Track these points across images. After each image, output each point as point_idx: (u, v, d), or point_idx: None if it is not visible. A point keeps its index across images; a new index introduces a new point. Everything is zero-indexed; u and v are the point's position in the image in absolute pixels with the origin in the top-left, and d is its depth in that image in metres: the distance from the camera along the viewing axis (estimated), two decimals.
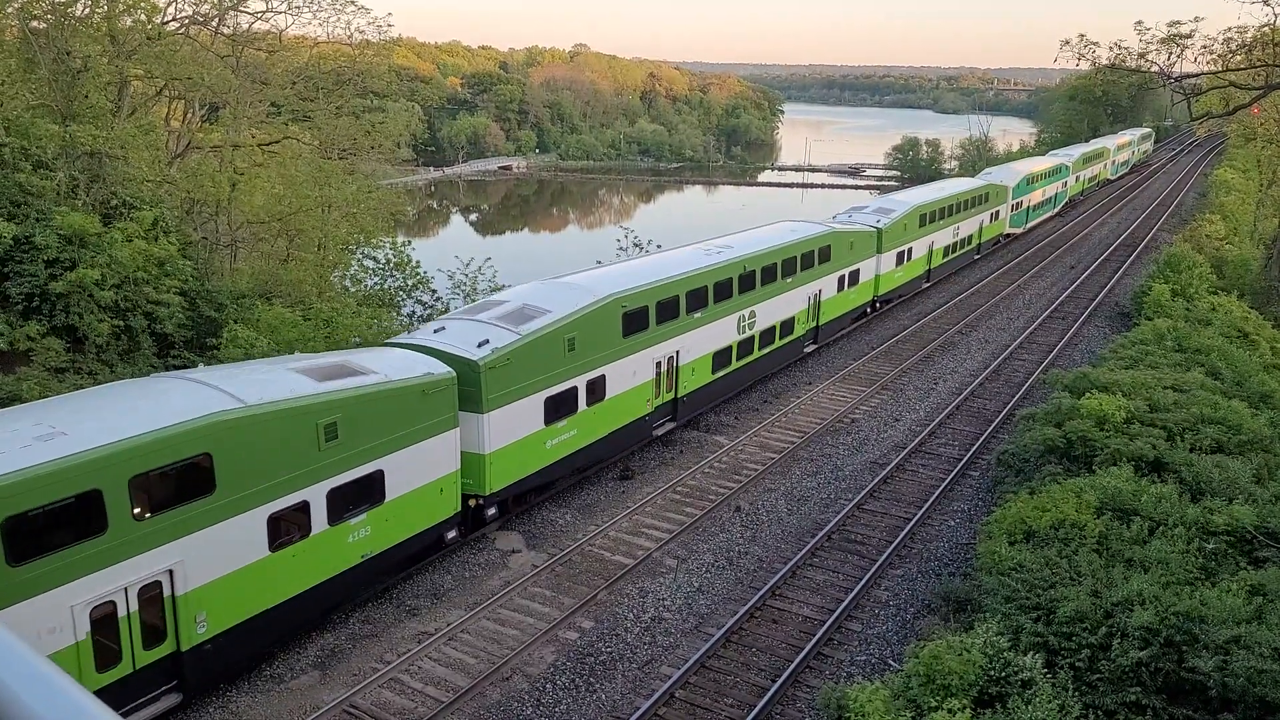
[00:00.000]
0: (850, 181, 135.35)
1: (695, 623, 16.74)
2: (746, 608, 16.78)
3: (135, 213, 24.41)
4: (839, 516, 20.50)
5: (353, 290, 34.88)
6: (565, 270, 24.87)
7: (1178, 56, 38.39)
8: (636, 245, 45.21)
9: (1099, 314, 39.68)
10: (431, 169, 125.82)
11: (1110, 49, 41.35)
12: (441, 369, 17.61)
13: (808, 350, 32.23)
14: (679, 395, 24.70)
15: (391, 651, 15.77)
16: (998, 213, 52.15)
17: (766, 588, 17.47)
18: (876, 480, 22.49)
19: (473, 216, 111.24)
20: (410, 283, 35.82)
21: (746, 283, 27.09)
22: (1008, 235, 55.52)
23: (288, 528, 14.72)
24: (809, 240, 31.01)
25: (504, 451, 19.01)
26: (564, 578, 18.17)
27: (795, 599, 17.46)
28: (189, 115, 34.41)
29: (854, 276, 34.60)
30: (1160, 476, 18.42)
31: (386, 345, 19.66)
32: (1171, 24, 38.72)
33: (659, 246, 42.41)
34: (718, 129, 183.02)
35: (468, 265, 38.31)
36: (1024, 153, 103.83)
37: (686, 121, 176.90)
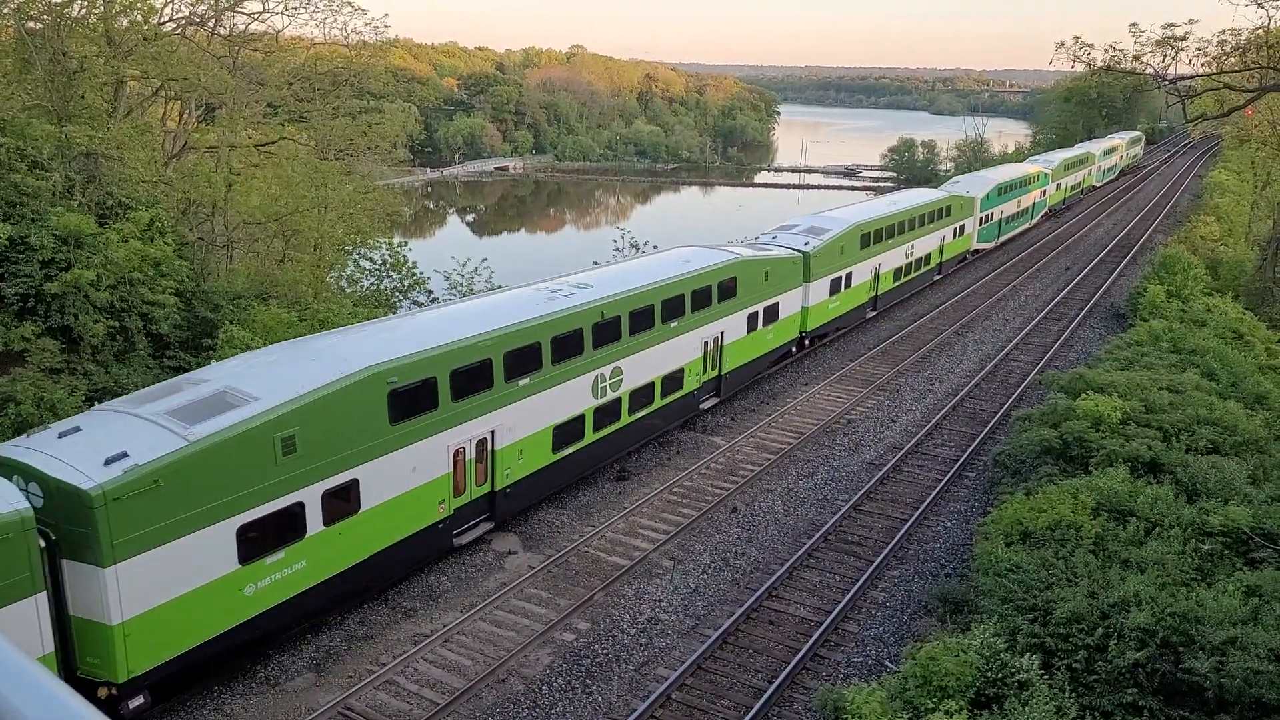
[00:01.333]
0: (846, 182, 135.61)
1: (692, 624, 16.73)
2: (743, 609, 16.78)
3: (131, 213, 24.34)
4: (836, 517, 20.50)
5: (349, 291, 34.85)
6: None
7: (1172, 58, 38.53)
8: (633, 245, 45.24)
9: (1095, 315, 39.77)
10: (428, 170, 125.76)
11: (1105, 51, 41.45)
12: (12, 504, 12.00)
13: (706, 406, 26.73)
14: (497, 488, 19.05)
15: (387, 653, 15.73)
16: (963, 227, 47.21)
17: (763, 589, 17.47)
18: (873, 481, 22.50)
19: (469, 217, 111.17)
20: (407, 283, 35.80)
21: (607, 332, 21.42)
22: (975, 251, 50.81)
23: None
24: (704, 273, 25.35)
25: (154, 614, 13.23)
26: (560, 579, 18.14)
27: (792, 600, 17.46)
28: (185, 116, 34.33)
29: (771, 312, 29.01)
30: (1156, 477, 18.45)
31: None
32: (1166, 26, 38.86)
33: (496, 286, 36.56)
34: (714, 130, 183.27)
35: (464, 265, 38.32)
36: (1018, 154, 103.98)
37: (683, 122, 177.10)
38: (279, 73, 34.42)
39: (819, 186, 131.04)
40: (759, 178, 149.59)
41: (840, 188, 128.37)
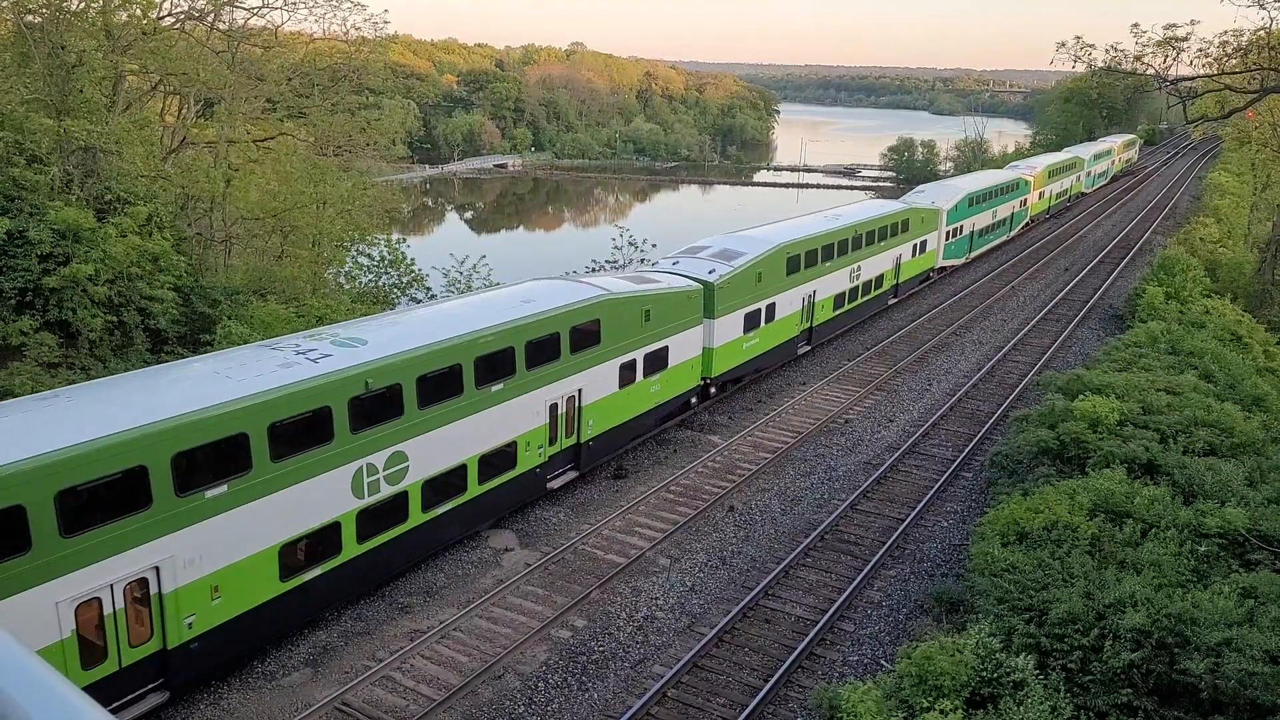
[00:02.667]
0: (845, 182, 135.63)
1: (688, 622, 16.74)
2: (739, 607, 16.79)
3: (129, 208, 24.31)
4: (832, 517, 20.52)
5: (347, 287, 34.82)
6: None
7: (1173, 59, 38.54)
8: (632, 244, 45.20)
9: (1093, 316, 39.80)
10: (427, 166, 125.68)
11: (1106, 51, 41.52)
12: None
13: (556, 485, 21.34)
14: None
15: (384, 649, 15.74)
16: (924, 243, 41.99)
17: (759, 587, 17.48)
18: (870, 481, 22.51)
19: (468, 214, 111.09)
20: (405, 280, 35.78)
21: (375, 408, 16.08)
22: (941, 269, 45.65)
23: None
24: (548, 318, 19.89)
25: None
26: (557, 576, 18.15)
27: (788, 599, 17.47)
28: (184, 111, 34.28)
29: (657, 359, 23.78)
30: (1153, 479, 18.47)
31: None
32: (1167, 27, 38.87)
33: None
34: (713, 129, 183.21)
35: (463, 263, 38.32)
36: (1017, 155, 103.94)
37: (682, 121, 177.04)
38: (278, 68, 34.36)
39: (818, 186, 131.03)
40: (758, 177, 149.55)
41: (839, 187, 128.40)
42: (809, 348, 32.83)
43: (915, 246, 41.02)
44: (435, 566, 18.46)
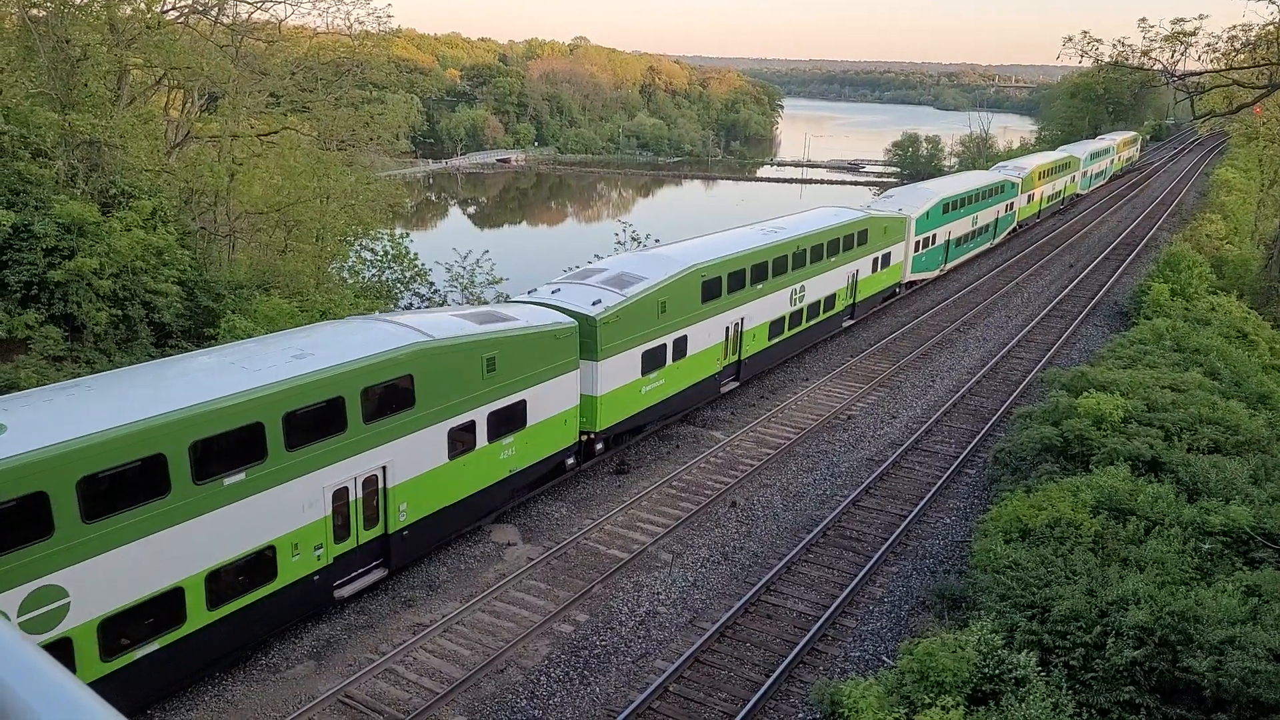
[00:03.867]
0: (849, 177, 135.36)
1: (690, 617, 16.76)
2: (741, 603, 16.80)
3: (134, 202, 24.34)
4: (835, 513, 20.52)
5: (350, 282, 34.86)
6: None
7: (1181, 54, 38.40)
8: (635, 239, 45.17)
9: (1098, 313, 39.69)
10: (430, 161, 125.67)
11: (1114, 46, 41.33)
12: None
13: (351, 593, 16.53)
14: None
15: (387, 642, 15.78)
16: (888, 256, 37.49)
17: (761, 583, 17.49)
18: (873, 477, 22.50)
19: (471, 209, 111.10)
20: (408, 275, 35.81)
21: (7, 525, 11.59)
22: (910, 284, 41.49)
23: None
24: (328, 379, 15.30)
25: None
26: (559, 571, 18.18)
27: (790, 594, 17.48)
28: (188, 105, 34.30)
29: (510, 416, 19.24)
30: (1157, 476, 18.44)
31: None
32: (1175, 21, 38.71)
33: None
34: (717, 124, 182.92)
35: (465, 258, 38.34)
36: (1023, 149, 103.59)
37: (686, 116, 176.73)
38: (282, 62, 34.36)
39: (822, 181, 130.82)
40: (761, 172, 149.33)
41: (844, 182, 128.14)
42: (736, 384, 28.00)
43: (876, 260, 36.42)
44: (438, 561, 18.51)
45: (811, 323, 31.94)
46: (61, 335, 21.31)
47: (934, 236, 41.99)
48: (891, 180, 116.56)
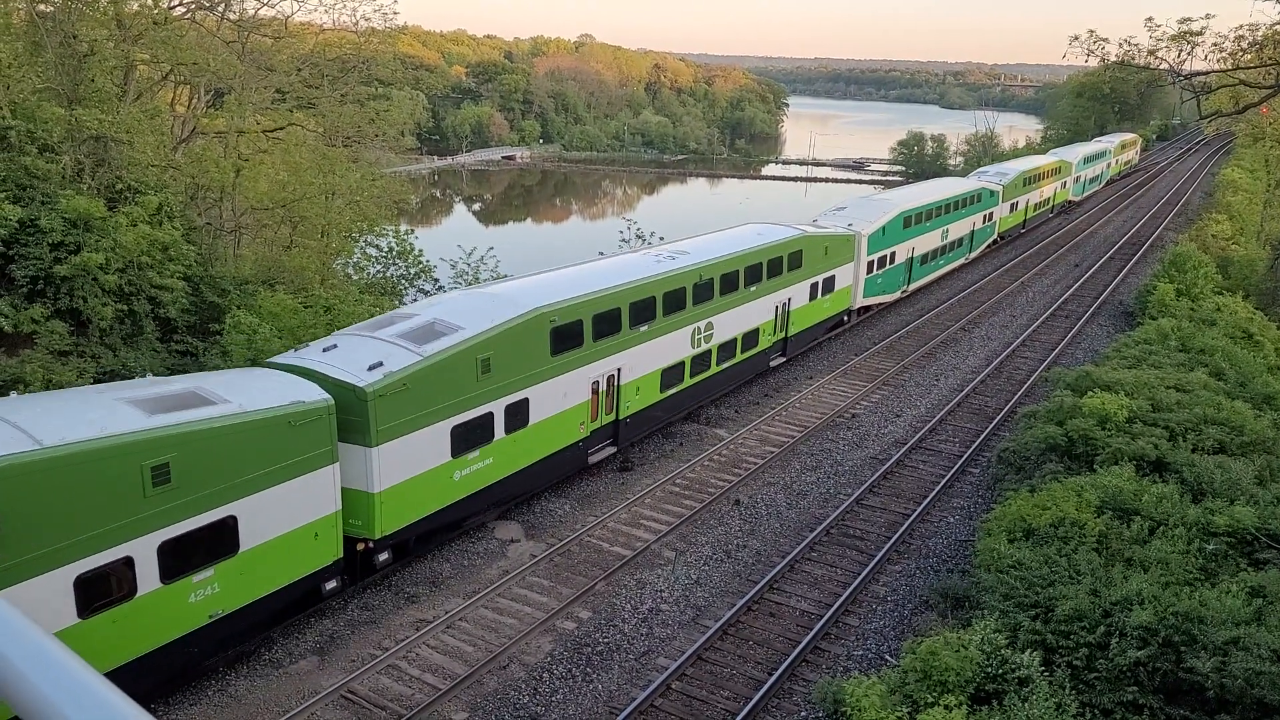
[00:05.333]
0: (854, 176, 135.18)
1: (693, 615, 16.77)
2: (744, 601, 16.81)
3: (140, 197, 24.39)
4: (838, 511, 20.51)
5: (355, 278, 34.91)
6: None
7: (1188, 54, 38.26)
8: (639, 237, 45.15)
9: (1102, 312, 39.61)
10: (435, 158, 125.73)
11: (1120, 46, 41.19)
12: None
13: None
14: None
15: (390, 638, 15.82)
16: (831, 280, 32.54)
17: (764, 581, 17.50)
18: (876, 476, 22.49)
19: (476, 206, 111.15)
20: (413, 271, 35.85)
21: None
22: (863, 310, 36.71)
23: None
24: None
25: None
26: (562, 568, 18.20)
27: (793, 593, 17.48)
28: (194, 100, 34.35)
29: (206, 542, 13.96)
30: (1162, 476, 18.41)
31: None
32: (1182, 21, 38.58)
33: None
34: (722, 121, 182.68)
35: (470, 254, 38.37)
36: (1028, 149, 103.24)
37: (691, 113, 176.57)
38: (288, 59, 34.40)
39: (826, 180, 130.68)
40: (766, 170, 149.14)
41: (849, 181, 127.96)
42: (614, 449, 22.83)
43: (815, 286, 31.45)
44: (441, 557, 18.54)
45: (724, 366, 26.81)
46: (67, 330, 21.36)
47: (892, 255, 37.20)
48: (896, 180, 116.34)
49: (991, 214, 49.11)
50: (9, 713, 1.43)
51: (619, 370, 22.27)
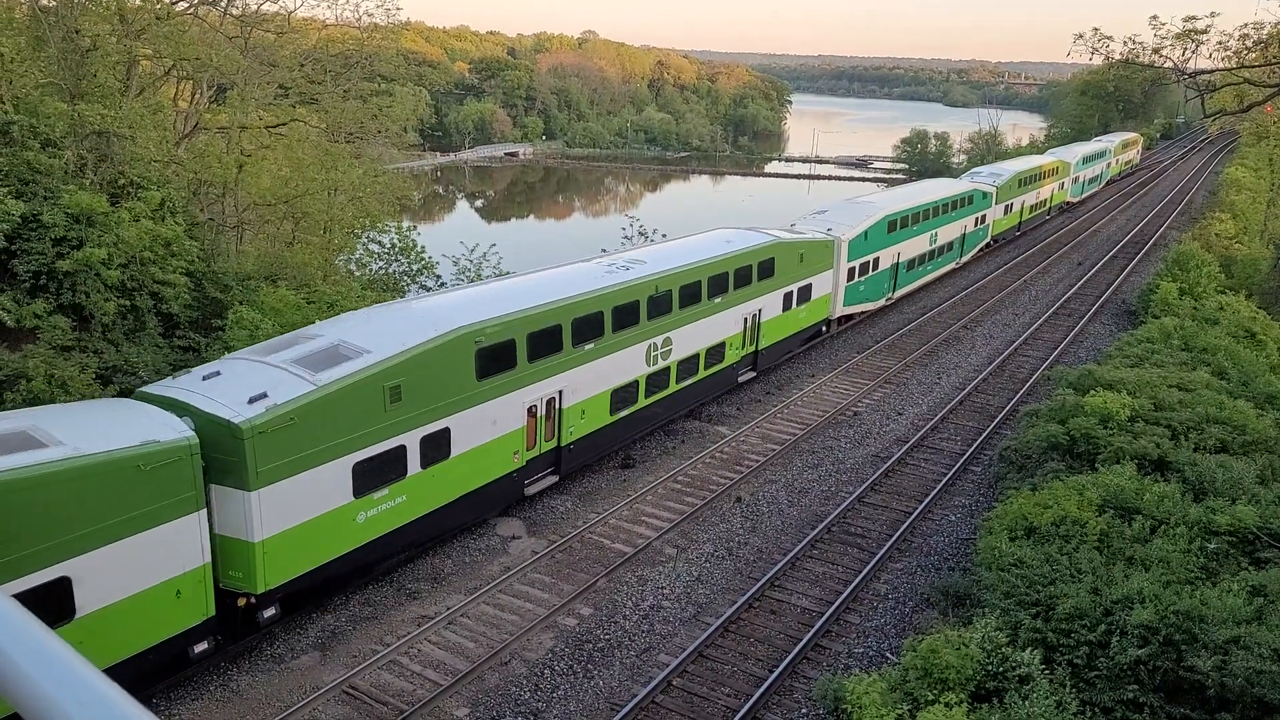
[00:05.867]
0: (857, 173, 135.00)
1: (694, 611, 16.79)
2: (745, 598, 16.82)
3: (142, 192, 24.41)
4: (840, 509, 20.51)
5: (358, 274, 34.93)
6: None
7: (1192, 52, 38.13)
8: (642, 234, 45.13)
9: (1105, 311, 39.56)
10: (438, 154, 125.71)
11: (1124, 44, 41.06)
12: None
13: None
14: None
15: (391, 634, 15.85)
16: (808, 288, 30.63)
17: (766, 578, 17.51)
18: (878, 474, 22.49)
19: (479, 202, 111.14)
20: (415, 267, 35.86)
21: None
22: (844, 319, 34.99)
23: None
24: None
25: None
26: (563, 564, 18.22)
27: (794, 590, 17.49)
28: (197, 96, 34.36)
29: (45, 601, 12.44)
30: (1163, 475, 18.39)
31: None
32: (1186, 19, 38.46)
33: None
34: (725, 118, 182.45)
35: (473, 251, 38.37)
36: (1032, 148, 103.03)
37: (694, 110, 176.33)
38: (290, 54, 34.39)
39: (830, 177, 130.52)
40: (770, 167, 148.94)
41: (851, 179, 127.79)
42: (556, 478, 20.92)
43: (789, 295, 29.51)
44: (443, 553, 18.56)
45: (684, 384, 24.75)
46: (69, 325, 21.39)
47: (876, 261, 35.32)
48: (900, 177, 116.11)
49: (984, 216, 47.58)
50: (8, 709, 1.43)
51: (560, 393, 20.22)
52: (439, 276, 36.55)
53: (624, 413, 22.63)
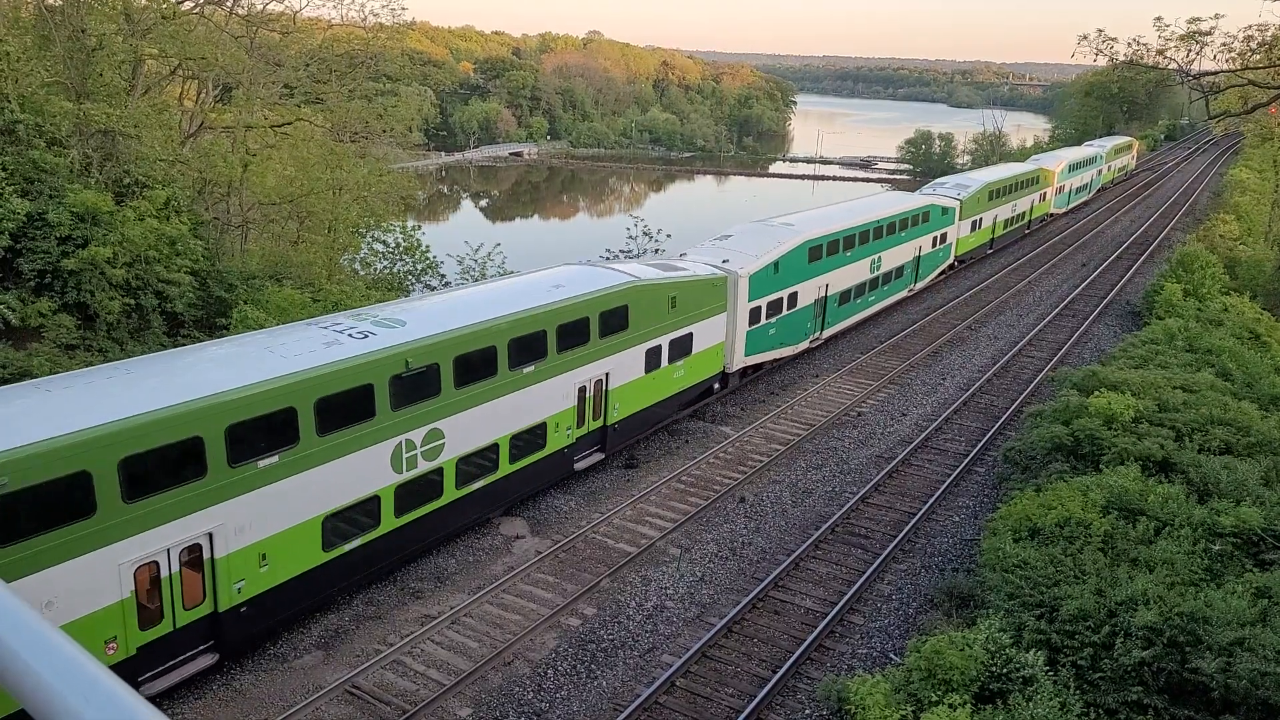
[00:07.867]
0: (861, 174, 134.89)
1: (697, 612, 16.78)
2: (749, 598, 16.82)
3: (148, 192, 24.47)
4: (843, 510, 20.50)
5: (362, 273, 34.98)
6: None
7: (1197, 54, 38.07)
8: (646, 234, 45.12)
9: (1109, 312, 39.49)
10: (443, 154, 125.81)
11: (1129, 45, 41.01)
12: None
13: None
14: None
15: (395, 633, 15.86)
16: (684, 340, 24.28)
17: (769, 579, 17.50)
18: (882, 474, 22.47)
19: (483, 202, 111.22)
20: (420, 267, 35.90)
21: None
22: (748, 369, 28.66)
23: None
24: None
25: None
26: (567, 564, 18.23)
27: (798, 591, 17.48)
28: (202, 95, 34.45)
29: None
30: (1168, 477, 18.35)
31: None
32: (1191, 21, 38.40)
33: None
34: (730, 119, 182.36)
35: (477, 250, 38.41)
36: (1035, 148, 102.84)
37: (699, 111, 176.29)
38: (296, 54, 34.48)
39: (834, 178, 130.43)
40: (774, 168, 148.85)
41: (855, 179, 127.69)
42: (214, 657, 14.24)
43: (654, 351, 23.23)
44: (447, 553, 18.58)
45: (472, 487, 18.42)
46: (74, 323, 21.45)
47: (792, 296, 29.26)
48: (904, 178, 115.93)
49: (946, 234, 41.75)
50: (15, 706, 1.43)
51: (211, 536, 13.54)
52: (443, 276, 36.60)
53: (350, 545, 15.93)
